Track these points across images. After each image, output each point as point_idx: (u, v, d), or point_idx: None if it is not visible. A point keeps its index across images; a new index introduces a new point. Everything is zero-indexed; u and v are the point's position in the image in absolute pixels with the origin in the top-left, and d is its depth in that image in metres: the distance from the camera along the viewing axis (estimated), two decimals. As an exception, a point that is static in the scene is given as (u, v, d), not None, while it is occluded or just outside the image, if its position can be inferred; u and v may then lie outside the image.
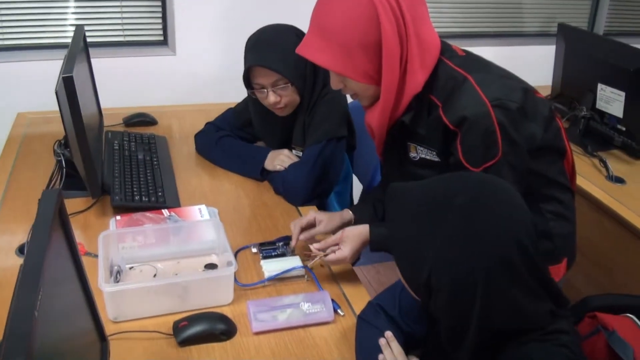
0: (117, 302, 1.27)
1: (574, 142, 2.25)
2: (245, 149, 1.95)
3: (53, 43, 2.51)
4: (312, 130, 1.79)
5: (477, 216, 0.91)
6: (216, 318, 1.28)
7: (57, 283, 0.84)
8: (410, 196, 1.00)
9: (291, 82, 1.71)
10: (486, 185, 0.95)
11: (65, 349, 0.83)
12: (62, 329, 0.83)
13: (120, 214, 1.61)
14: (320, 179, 1.78)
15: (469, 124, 1.27)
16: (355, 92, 1.38)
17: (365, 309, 1.28)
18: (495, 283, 0.90)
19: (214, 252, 1.50)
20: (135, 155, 1.91)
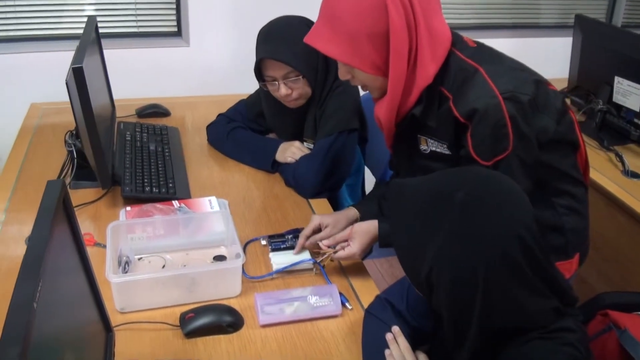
0: (125, 293, 1.27)
1: (590, 135, 2.21)
2: (257, 140, 1.94)
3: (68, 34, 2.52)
4: (324, 122, 1.78)
5: (477, 212, 0.89)
6: (223, 310, 1.27)
7: (61, 274, 0.83)
8: (411, 192, 0.98)
9: (302, 74, 1.69)
10: (486, 181, 0.93)
11: (68, 339, 0.82)
12: (65, 320, 0.83)
13: (130, 204, 1.61)
14: (331, 171, 1.77)
15: (479, 117, 1.25)
16: (363, 84, 1.37)
17: (373, 303, 1.27)
18: (496, 280, 0.88)
19: (223, 244, 1.50)
20: (147, 147, 1.91)
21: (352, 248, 1.41)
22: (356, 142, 1.84)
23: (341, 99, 1.76)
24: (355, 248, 1.41)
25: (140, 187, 1.69)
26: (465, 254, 0.89)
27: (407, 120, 1.38)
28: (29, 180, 1.76)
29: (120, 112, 2.15)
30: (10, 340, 0.60)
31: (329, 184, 1.79)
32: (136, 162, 1.80)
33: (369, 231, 1.42)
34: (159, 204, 1.60)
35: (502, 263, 0.88)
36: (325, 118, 1.77)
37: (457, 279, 0.90)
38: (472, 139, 1.28)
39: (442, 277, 0.91)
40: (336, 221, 1.52)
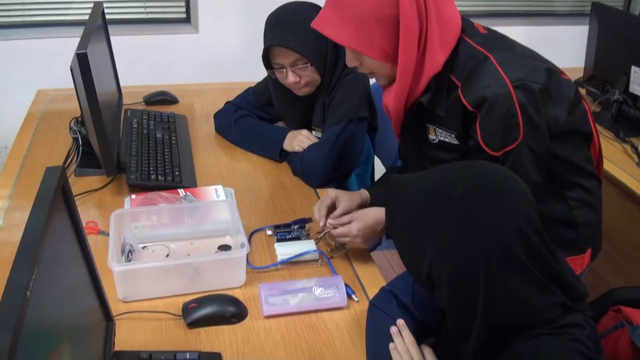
0: (127, 282, 1.26)
1: (606, 127, 2.17)
2: (264, 129, 1.93)
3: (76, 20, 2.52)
4: (332, 110, 1.76)
5: (475, 207, 0.88)
6: (227, 300, 1.27)
7: (59, 262, 0.83)
8: (410, 188, 0.97)
9: (310, 61, 1.67)
10: (486, 174, 0.92)
11: (65, 328, 0.82)
12: (62, 309, 0.82)
13: (135, 192, 1.61)
14: (340, 160, 1.75)
15: (488, 105, 1.23)
16: (371, 71, 1.35)
17: (377, 295, 1.26)
18: (498, 275, 0.87)
19: (228, 233, 1.49)
20: (154, 134, 1.91)
21: (351, 227, 1.40)
22: (365, 131, 1.82)
23: (350, 87, 1.74)
24: (354, 228, 1.39)
25: (146, 175, 1.68)
26: (464, 250, 0.87)
27: (415, 109, 1.36)
28: (34, 167, 1.76)
29: (128, 99, 2.14)
30: (0, 328, 0.59)
31: (337, 174, 1.78)
32: (142, 150, 1.80)
33: (372, 217, 1.41)
34: (164, 192, 1.59)
35: (503, 258, 0.86)
36: (334, 106, 1.75)
37: (458, 276, 0.89)
38: (481, 129, 1.26)
39: (442, 275, 0.90)
40: (350, 197, 1.50)
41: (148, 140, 1.87)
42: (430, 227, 0.91)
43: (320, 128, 1.83)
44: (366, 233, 1.40)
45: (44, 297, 0.73)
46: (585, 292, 0.95)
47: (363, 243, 1.42)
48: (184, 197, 1.60)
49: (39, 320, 0.70)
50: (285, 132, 1.87)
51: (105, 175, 1.66)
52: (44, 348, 0.71)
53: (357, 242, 1.41)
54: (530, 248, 0.87)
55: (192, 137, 2.01)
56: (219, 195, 1.64)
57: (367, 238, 1.41)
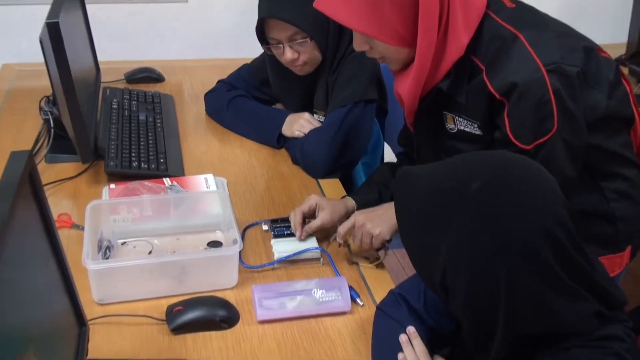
0: (104, 282, 1.27)
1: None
2: (261, 111, 1.93)
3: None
4: (337, 91, 1.75)
5: (494, 203, 0.87)
6: (216, 303, 1.27)
7: (24, 260, 0.82)
8: (421, 182, 0.97)
9: (310, 36, 1.67)
10: (507, 165, 0.91)
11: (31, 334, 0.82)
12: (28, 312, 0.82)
13: (114, 181, 1.61)
14: (345, 147, 1.75)
15: (519, 93, 1.22)
16: (382, 55, 1.34)
17: (386, 298, 1.26)
18: (521, 281, 0.86)
19: (218, 228, 1.50)
20: (136, 116, 1.91)
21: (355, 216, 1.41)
22: (374, 115, 1.82)
23: (357, 65, 1.73)
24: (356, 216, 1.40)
25: (127, 162, 1.68)
26: (482, 254, 0.87)
27: (432, 96, 1.36)
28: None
29: (107, 77, 2.14)
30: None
31: (342, 162, 1.78)
32: (123, 134, 1.80)
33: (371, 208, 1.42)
34: (147, 182, 1.59)
35: (527, 262, 0.85)
36: (339, 87, 1.74)
37: (475, 282, 0.88)
38: (509, 119, 1.25)
39: (457, 281, 0.90)
40: (334, 206, 1.49)
41: (130, 123, 1.86)
42: (444, 227, 0.90)
43: (323, 111, 1.82)
44: (372, 216, 1.39)
45: (7, 300, 0.73)
46: (623, 299, 0.94)
47: (375, 227, 1.39)
48: (169, 187, 1.60)
49: (0, 325, 0.70)
50: (284, 115, 1.87)
51: (81, 162, 1.66)
52: (5, 356, 0.71)
53: (369, 231, 1.39)
54: (558, 250, 0.86)
55: (179, 120, 2.01)
56: (209, 185, 1.64)
57: (375, 220, 1.39)
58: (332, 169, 1.76)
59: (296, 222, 1.47)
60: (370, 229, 1.39)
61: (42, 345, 0.85)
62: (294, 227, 1.47)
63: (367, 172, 2.01)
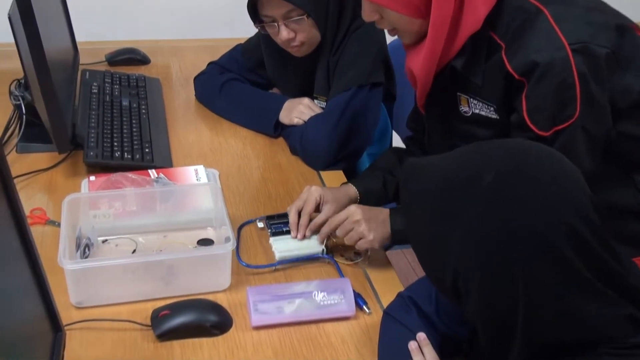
0: (82, 283, 1.26)
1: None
2: (256, 96, 1.93)
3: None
4: (339, 74, 1.75)
5: (509, 195, 0.86)
6: (206, 307, 1.27)
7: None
8: (429, 173, 0.96)
9: (307, 13, 1.66)
10: (523, 155, 0.90)
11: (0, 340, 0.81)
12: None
13: (95, 173, 1.61)
14: (349, 136, 1.75)
15: (539, 73, 1.23)
16: (393, 27, 1.35)
17: (394, 302, 1.26)
18: (540, 282, 0.85)
19: (210, 225, 1.50)
20: (119, 101, 1.91)
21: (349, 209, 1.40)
22: (381, 100, 1.82)
23: (361, 45, 1.73)
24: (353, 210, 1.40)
25: (109, 151, 1.68)
26: (496, 252, 0.86)
27: (444, 75, 1.36)
28: (-36, 142, 1.77)
29: (86, 58, 2.14)
30: None
31: (345, 152, 1.78)
32: (104, 121, 1.80)
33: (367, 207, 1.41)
34: (131, 174, 1.59)
35: (547, 262, 0.85)
36: (341, 69, 1.74)
37: (490, 285, 0.88)
38: (527, 102, 1.26)
39: (471, 283, 0.90)
40: (338, 200, 1.49)
41: (111, 109, 1.86)
42: (454, 223, 0.90)
43: (325, 96, 1.82)
44: (371, 217, 1.39)
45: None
46: None
47: (370, 231, 1.39)
48: (155, 179, 1.60)
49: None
50: (282, 100, 1.87)
51: (57, 152, 1.66)
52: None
53: (362, 232, 1.39)
54: (582, 248, 0.86)
55: (166, 106, 2.01)
56: (200, 177, 1.64)
57: (372, 223, 1.38)
58: (334, 159, 1.76)
59: (302, 224, 1.46)
60: (364, 230, 1.38)
61: (11, 352, 0.85)
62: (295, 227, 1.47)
63: (374, 164, 2.01)
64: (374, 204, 1.54)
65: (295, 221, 1.47)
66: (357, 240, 1.39)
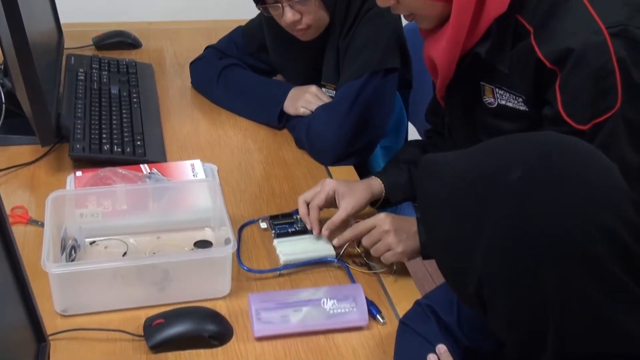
0: (69, 289, 1.27)
1: None
2: (259, 84, 1.94)
3: None
4: (350, 60, 1.75)
5: (538, 195, 0.86)
6: (204, 316, 1.27)
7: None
8: (448, 172, 0.96)
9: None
10: (555, 150, 0.89)
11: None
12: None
13: (81, 168, 1.61)
14: (361, 127, 1.75)
15: (574, 61, 1.23)
16: (411, 12, 1.35)
17: (411, 311, 1.26)
18: (574, 291, 0.85)
19: (208, 225, 1.51)
20: (107, 89, 1.92)
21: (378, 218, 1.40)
22: (396, 87, 1.81)
23: (374, 27, 1.73)
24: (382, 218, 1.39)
25: (97, 144, 1.69)
26: (525, 257, 0.86)
27: (467, 63, 1.36)
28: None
29: (72, 42, 2.15)
30: None
31: (357, 146, 1.78)
32: (91, 111, 1.80)
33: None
34: (121, 169, 1.60)
35: (580, 266, 0.84)
36: (352, 54, 1.74)
37: (517, 294, 0.87)
38: (562, 93, 1.26)
39: (495, 291, 0.89)
40: (357, 195, 1.48)
41: (99, 98, 1.87)
42: (478, 226, 0.89)
43: (334, 85, 1.82)
44: (401, 228, 1.39)
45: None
46: None
47: (399, 243, 1.39)
48: (148, 175, 1.61)
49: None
50: (286, 88, 1.87)
51: (40, 145, 1.66)
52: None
53: (390, 244, 1.39)
54: (621, 251, 0.85)
55: (160, 94, 2.02)
56: (197, 173, 1.65)
57: (402, 234, 1.38)
58: (345, 153, 1.76)
59: (312, 219, 1.46)
60: (392, 242, 1.38)
61: (-8, 365, 0.85)
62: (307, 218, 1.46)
63: (388, 158, 2.00)
64: (400, 199, 1.55)
65: (306, 213, 1.47)
66: (384, 252, 1.39)
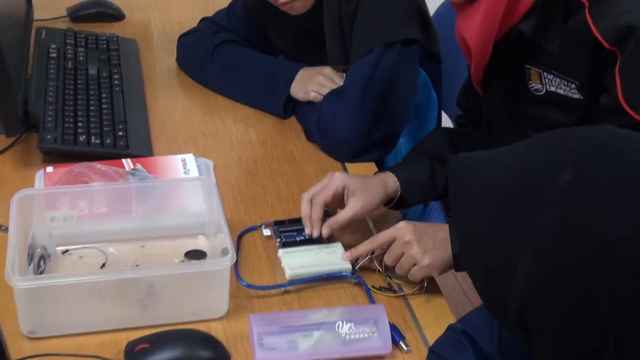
0: (37, 307, 1.27)
1: None
2: (261, 63, 1.94)
3: None
4: (358, 31, 1.73)
5: (592, 201, 0.85)
6: (197, 340, 1.28)
7: None
8: (487, 173, 0.96)
9: None
10: (612, 148, 0.89)
11: None
12: None
13: (53, 163, 1.62)
14: (380, 114, 1.73)
15: (637, 40, 1.24)
16: None
17: (443, 337, 1.26)
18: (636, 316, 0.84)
19: (201, 232, 1.51)
20: (84, 69, 1.92)
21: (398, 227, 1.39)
22: (417, 62, 1.79)
23: None
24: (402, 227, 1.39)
25: (71, 135, 1.69)
26: (576, 275, 0.85)
27: (508, 42, 1.38)
28: None
29: (43, 13, 2.16)
30: None
31: (377, 136, 1.76)
32: (65, 95, 1.81)
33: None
34: (100, 164, 1.60)
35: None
36: (360, 24, 1.72)
37: (568, 318, 0.87)
38: (622, 79, 1.27)
39: (542, 315, 0.89)
40: (368, 192, 1.48)
41: (75, 79, 1.87)
42: (521, 237, 0.89)
43: (343, 66, 1.80)
44: (425, 236, 1.39)
45: None
46: None
47: (425, 255, 1.39)
48: (131, 171, 1.61)
49: None
50: (294, 68, 1.87)
51: (4, 135, 1.68)
52: None
53: (414, 256, 1.39)
54: None
55: (145, 76, 2.02)
56: (189, 170, 1.65)
57: (427, 243, 1.38)
58: (363, 147, 1.75)
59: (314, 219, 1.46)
60: (416, 254, 1.37)
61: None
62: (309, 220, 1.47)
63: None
64: (418, 199, 1.55)
65: (309, 214, 1.47)
66: (410, 269, 1.39)
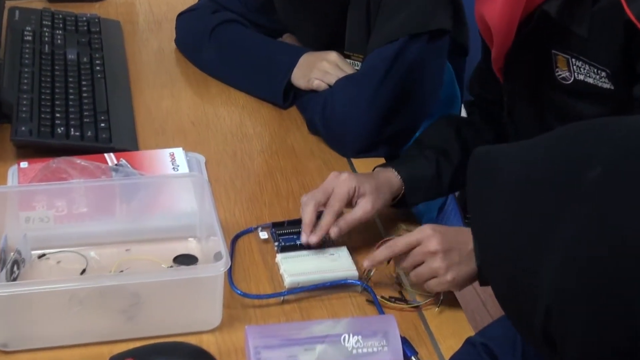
0: (10, 317, 1.27)
1: None
2: (261, 46, 1.95)
3: None
4: (383, 19, 1.75)
5: (623, 200, 0.85)
6: (187, 354, 1.28)
7: None
8: (508, 169, 0.96)
9: None
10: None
11: None
12: None
13: (27, 158, 1.63)
14: (396, 107, 1.75)
15: None
16: None
17: (461, 351, 1.27)
18: None
19: (192, 235, 1.52)
20: (62, 54, 1.93)
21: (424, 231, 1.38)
22: (446, 56, 1.82)
23: None
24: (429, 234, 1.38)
25: (48, 126, 1.70)
26: (607, 281, 0.85)
27: (533, 25, 1.38)
28: None
29: (17, -8, 2.17)
30: None
31: (390, 131, 1.78)
32: (42, 83, 1.81)
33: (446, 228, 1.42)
34: (79, 159, 1.61)
35: None
36: (386, 11, 1.73)
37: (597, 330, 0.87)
38: None
39: (569, 327, 0.89)
40: (377, 189, 1.49)
41: (52, 65, 1.88)
42: (546, 240, 0.89)
43: (360, 55, 1.82)
44: (452, 246, 1.38)
45: None
46: None
47: (450, 269, 1.37)
48: (114, 167, 1.62)
49: None
50: (296, 53, 1.88)
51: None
52: None
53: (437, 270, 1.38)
54: None
55: (130, 61, 2.03)
56: (178, 165, 1.66)
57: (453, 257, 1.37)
58: (373, 141, 1.76)
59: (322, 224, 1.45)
60: (440, 267, 1.36)
61: None
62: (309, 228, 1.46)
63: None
64: (421, 197, 1.55)
65: (312, 221, 1.46)
66: (428, 279, 1.39)
